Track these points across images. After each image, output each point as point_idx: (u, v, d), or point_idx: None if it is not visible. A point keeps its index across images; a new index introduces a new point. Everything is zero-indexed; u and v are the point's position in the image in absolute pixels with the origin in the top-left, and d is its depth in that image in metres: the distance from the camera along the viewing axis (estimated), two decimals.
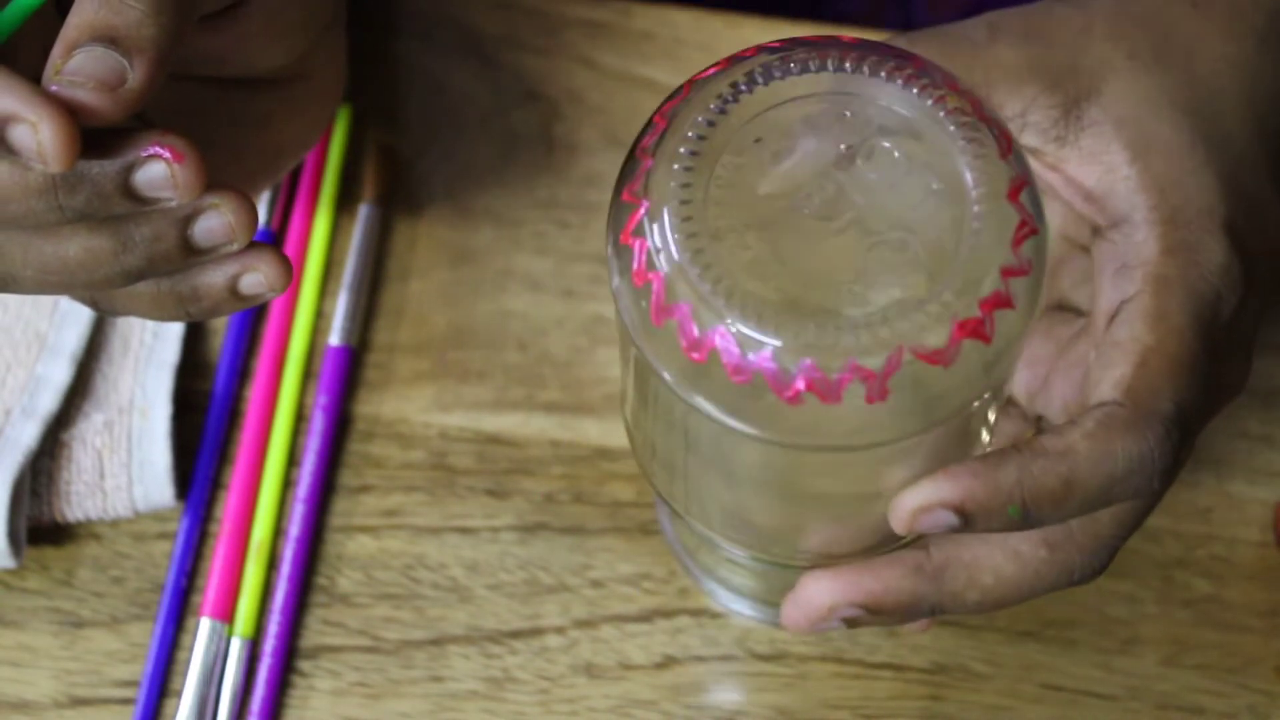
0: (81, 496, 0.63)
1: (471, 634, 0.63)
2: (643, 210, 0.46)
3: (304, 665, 0.63)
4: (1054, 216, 0.54)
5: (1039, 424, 0.55)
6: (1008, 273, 0.45)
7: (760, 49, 0.48)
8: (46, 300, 0.65)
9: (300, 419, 0.66)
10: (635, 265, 0.46)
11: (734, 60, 0.48)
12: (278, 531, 0.65)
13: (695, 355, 0.45)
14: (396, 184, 0.69)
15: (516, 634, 0.63)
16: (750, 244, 0.45)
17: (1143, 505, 0.50)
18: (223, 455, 0.66)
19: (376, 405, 0.67)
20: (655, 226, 0.45)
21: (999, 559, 0.50)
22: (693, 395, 0.46)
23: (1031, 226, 0.46)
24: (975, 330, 0.45)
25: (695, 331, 0.45)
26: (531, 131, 0.71)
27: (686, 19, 0.72)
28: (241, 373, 0.67)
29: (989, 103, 0.49)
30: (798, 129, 0.47)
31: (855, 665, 0.63)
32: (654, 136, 0.47)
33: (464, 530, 0.65)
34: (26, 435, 0.63)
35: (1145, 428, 0.47)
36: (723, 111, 0.47)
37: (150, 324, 0.66)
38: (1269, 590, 0.64)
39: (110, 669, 0.63)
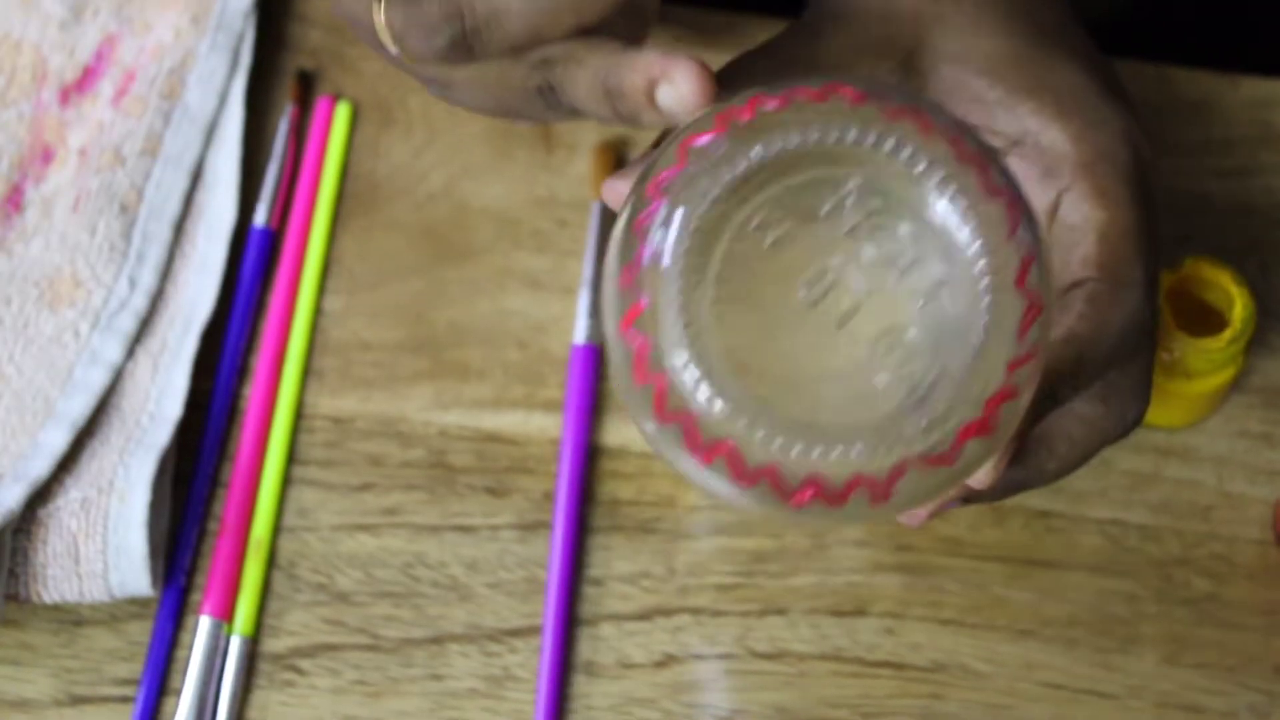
0: (58, 580, 0.62)
1: (471, 632, 0.63)
2: (644, 305, 0.44)
3: (304, 664, 0.63)
4: None
5: None
6: (1014, 365, 0.44)
7: (756, 105, 0.45)
8: (61, 368, 0.65)
9: (300, 418, 0.66)
10: (636, 361, 0.44)
11: (730, 123, 0.45)
12: (277, 530, 0.65)
13: (702, 457, 0.44)
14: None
15: (516, 632, 0.63)
16: (756, 348, 0.45)
17: (1147, 349, 0.54)
18: (222, 454, 0.66)
19: (376, 404, 0.67)
20: (658, 328, 0.44)
21: (1069, 425, 0.53)
22: (704, 483, 0.45)
23: (1038, 306, 0.45)
24: (980, 429, 0.44)
25: (701, 439, 0.44)
26: (531, 130, 0.71)
27: (687, 17, 0.72)
28: (241, 372, 0.67)
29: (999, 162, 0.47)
30: (799, 211, 0.45)
31: (854, 664, 0.63)
32: (650, 217, 0.45)
33: (464, 529, 0.65)
34: (10, 497, 0.62)
35: (1127, 295, 0.51)
36: (720, 199, 0.45)
37: (151, 406, 0.65)
38: (1269, 589, 0.64)
39: (110, 667, 0.63)
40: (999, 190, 0.45)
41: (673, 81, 0.47)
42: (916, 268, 0.45)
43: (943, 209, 0.44)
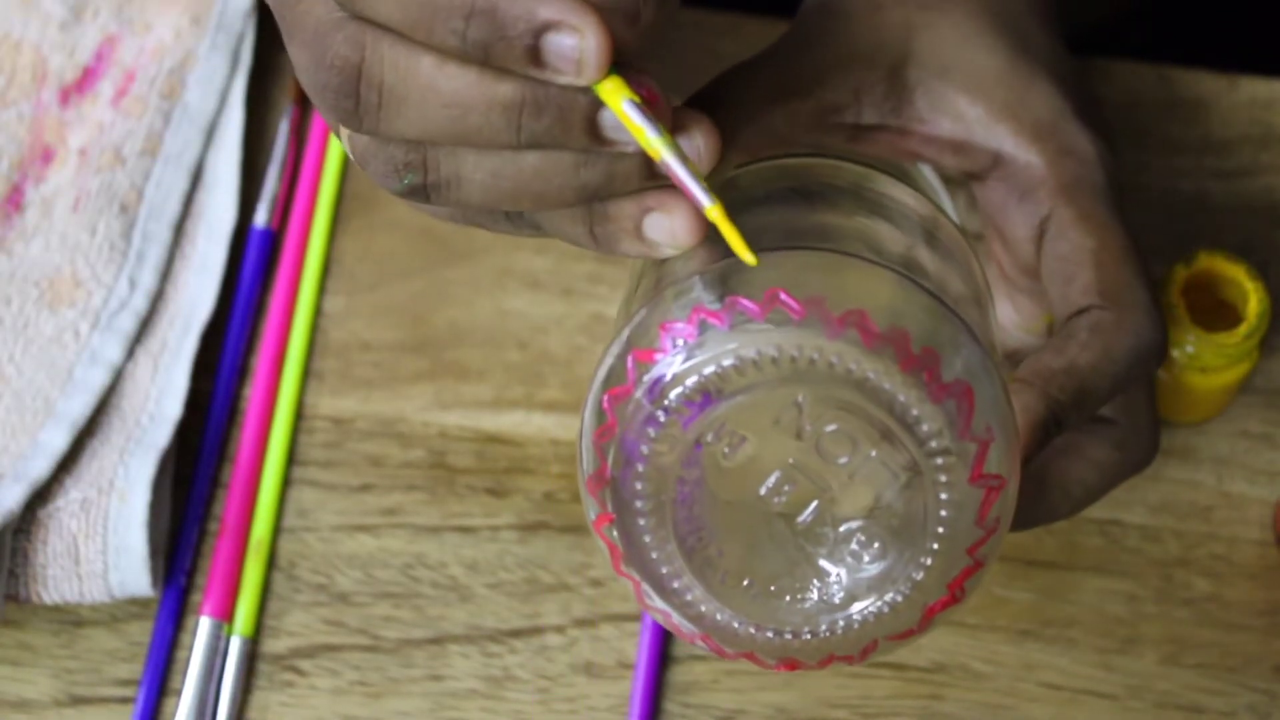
0: (58, 580, 0.62)
1: (471, 633, 0.63)
2: (611, 516, 0.46)
3: (304, 664, 0.63)
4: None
5: None
6: (975, 547, 0.46)
7: (698, 317, 0.45)
8: (61, 368, 0.65)
9: (300, 418, 0.67)
10: (611, 555, 0.47)
11: (673, 341, 0.45)
12: (277, 530, 0.65)
13: (686, 639, 0.48)
14: None
15: (516, 633, 0.64)
16: (719, 552, 0.46)
17: (1149, 383, 0.54)
18: (222, 455, 0.66)
19: (376, 404, 0.67)
20: (625, 541, 0.46)
21: (1083, 471, 0.53)
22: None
23: (997, 487, 0.45)
24: (946, 604, 0.46)
25: (681, 629, 0.48)
26: None
27: (688, 18, 0.72)
28: (241, 372, 0.67)
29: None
30: (752, 421, 0.45)
31: None
32: (607, 434, 0.46)
33: (464, 529, 0.65)
34: (10, 498, 0.62)
35: (1135, 319, 0.51)
36: (668, 413, 0.45)
37: (151, 406, 0.65)
38: (1269, 590, 0.64)
39: (110, 668, 0.63)
40: (948, 388, 0.44)
41: (669, 214, 0.45)
42: (870, 470, 0.45)
43: (892, 417, 0.44)
